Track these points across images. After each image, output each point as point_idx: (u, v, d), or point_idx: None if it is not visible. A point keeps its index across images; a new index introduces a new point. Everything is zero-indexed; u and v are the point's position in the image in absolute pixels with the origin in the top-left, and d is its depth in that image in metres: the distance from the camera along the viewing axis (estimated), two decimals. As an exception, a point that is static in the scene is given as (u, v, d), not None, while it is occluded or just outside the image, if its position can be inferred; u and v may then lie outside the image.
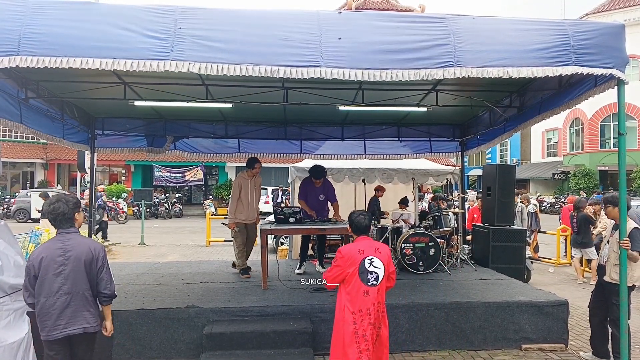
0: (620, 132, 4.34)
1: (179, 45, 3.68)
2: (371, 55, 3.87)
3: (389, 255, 3.46)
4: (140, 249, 12.77)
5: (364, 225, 3.50)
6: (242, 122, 8.37)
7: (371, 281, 3.30)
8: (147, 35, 3.68)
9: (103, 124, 8.06)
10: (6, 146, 26.67)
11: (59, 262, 3.03)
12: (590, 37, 4.08)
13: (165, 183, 26.78)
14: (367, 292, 3.28)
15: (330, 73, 3.80)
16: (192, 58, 3.68)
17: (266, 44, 3.79)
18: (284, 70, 3.76)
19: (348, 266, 3.31)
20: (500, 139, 7.70)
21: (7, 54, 3.56)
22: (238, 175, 6.86)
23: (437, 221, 7.67)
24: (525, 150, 39.45)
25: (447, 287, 5.96)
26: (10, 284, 3.42)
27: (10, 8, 3.63)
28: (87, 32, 3.63)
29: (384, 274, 3.35)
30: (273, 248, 10.59)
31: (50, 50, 3.58)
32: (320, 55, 3.81)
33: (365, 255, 3.33)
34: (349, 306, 3.28)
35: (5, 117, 5.37)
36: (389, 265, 3.42)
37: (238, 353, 4.51)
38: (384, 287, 3.41)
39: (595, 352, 4.76)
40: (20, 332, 3.42)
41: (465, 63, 3.93)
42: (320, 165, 7.02)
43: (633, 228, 4.43)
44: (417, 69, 3.90)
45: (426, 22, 4.05)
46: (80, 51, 3.59)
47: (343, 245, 3.45)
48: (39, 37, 3.59)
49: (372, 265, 3.32)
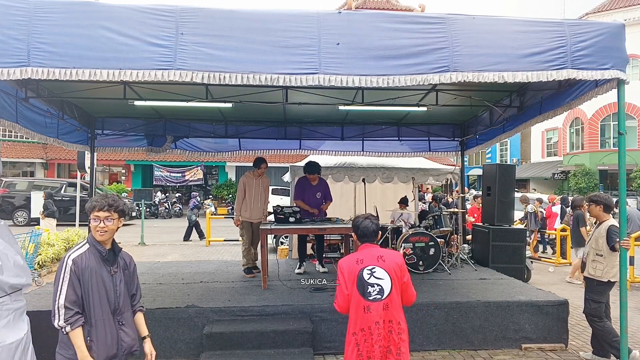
0: (620, 132, 4.34)
1: (181, 54, 3.77)
2: (369, 62, 3.95)
3: (397, 263, 2.88)
4: (140, 249, 12.77)
5: (372, 231, 2.97)
6: (242, 122, 8.37)
7: (373, 295, 2.77)
8: (150, 42, 3.75)
9: (103, 123, 8.06)
10: (6, 146, 26.67)
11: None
12: (589, 39, 4.10)
13: (165, 183, 26.79)
14: (368, 308, 2.76)
15: (328, 80, 3.88)
16: (195, 67, 3.78)
17: (266, 52, 3.86)
18: (283, 78, 3.85)
19: (349, 280, 2.84)
20: (501, 138, 7.70)
21: (18, 65, 3.64)
22: (244, 174, 6.90)
23: (437, 221, 7.68)
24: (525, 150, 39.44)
25: (447, 286, 5.96)
26: (10, 284, 3.41)
27: (14, 12, 3.64)
28: (92, 41, 3.70)
29: (391, 286, 2.80)
30: (273, 248, 10.59)
31: (60, 61, 3.68)
32: (319, 62, 3.89)
33: (363, 265, 2.84)
34: (351, 326, 2.83)
35: (3, 116, 5.36)
36: (400, 276, 2.86)
37: (238, 353, 4.51)
38: (396, 302, 2.82)
39: (595, 352, 4.77)
40: (19, 332, 3.41)
41: (461, 68, 4.00)
42: (315, 161, 7.02)
43: (610, 225, 4.50)
44: (414, 75, 3.98)
45: (425, 24, 4.07)
46: (88, 62, 3.69)
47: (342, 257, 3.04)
48: (47, 47, 3.66)
49: (373, 276, 2.81)
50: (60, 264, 2.59)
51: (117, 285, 2.70)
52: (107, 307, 2.65)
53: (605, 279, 4.58)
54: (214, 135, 8.56)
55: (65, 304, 2.51)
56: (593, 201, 4.79)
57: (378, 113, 7.64)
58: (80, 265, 2.58)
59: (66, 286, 2.53)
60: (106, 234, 2.66)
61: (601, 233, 4.66)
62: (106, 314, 2.64)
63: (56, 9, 3.71)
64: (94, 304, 2.60)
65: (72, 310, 2.52)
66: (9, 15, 3.63)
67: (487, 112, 7.56)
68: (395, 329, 2.78)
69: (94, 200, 2.69)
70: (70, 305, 2.52)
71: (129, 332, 2.75)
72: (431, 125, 8.74)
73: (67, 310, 2.51)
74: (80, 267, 2.57)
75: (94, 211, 2.64)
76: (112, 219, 2.66)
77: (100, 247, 2.66)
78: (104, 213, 2.64)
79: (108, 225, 2.64)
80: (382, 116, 8.08)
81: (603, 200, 4.74)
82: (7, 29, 3.62)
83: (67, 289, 2.53)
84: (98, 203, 2.64)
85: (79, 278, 2.56)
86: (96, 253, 2.66)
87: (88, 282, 2.58)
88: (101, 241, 2.67)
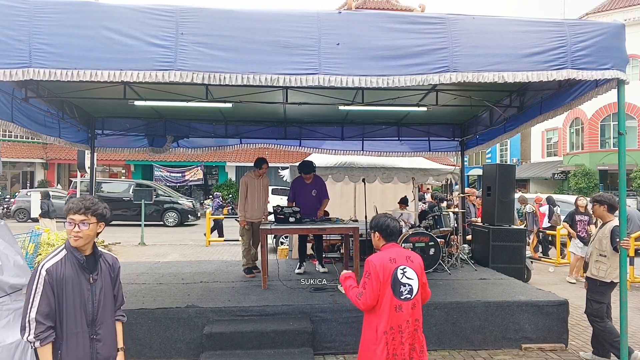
0: (620, 132, 4.34)
1: (182, 54, 3.76)
2: (369, 62, 3.95)
3: (421, 265, 3.01)
4: (140, 249, 12.77)
5: (398, 230, 3.04)
6: (242, 122, 8.38)
7: (404, 294, 2.86)
8: (150, 43, 3.75)
9: (103, 123, 8.06)
10: (6, 146, 26.67)
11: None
12: (589, 39, 4.10)
13: (165, 183, 26.79)
14: (400, 307, 2.85)
15: (328, 80, 3.88)
16: (196, 68, 3.78)
17: (266, 52, 3.86)
18: (283, 78, 3.86)
19: (384, 279, 2.85)
20: (501, 138, 7.70)
21: (20, 66, 3.64)
22: (245, 174, 6.90)
23: (437, 221, 7.68)
24: (525, 150, 39.43)
25: (447, 286, 5.96)
26: (10, 284, 3.42)
27: (15, 12, 3.64)
28: (93, 42, 3.70)
29: (418, 286, 2.92)
30: (273, 248, 10.59)
31: (61, 62, 3.67)
32: (319, 62, 3.88)
33: (397, 264, 2.89)
34: (380, 325, 2.84)
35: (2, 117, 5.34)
36: (422, 276, 2.99)
37: (238, 353, 4.51)
38: (420, 302, 2.96)
39: (595, 352, 4.77)
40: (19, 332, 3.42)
41: (461, 68, 4.00)
42: (309, 160, 7.02)
43: (615, 226, 4.49)
44: (414, 75, 3.98)
45: (425, 24, 4.07)
46: (89, 63, 3.69)
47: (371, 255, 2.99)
48: (48, 48, 3.66)
49: (405, 276, 2.89)
50: (33, 274, 2.38)
51: (95, 294, 2.50)
52: (83, 319, 2.45)
53: (609, 280, 4.57)
54: (214, 135, 8.57)
55: (36, 318, 2.31)
56: (597, 201, 4.76)
57: (378, 113, 7.64)
58: (55, 275, 2.36)
59: (39, 298, 2.33)
60: (80, 239, 2.42)
61: (605, 234, 4.64)
62: (80, 327, 2.44)
63: (57, 9, 3.71)
64: (68, 317, 2.40)
65: (44, 325, 2.32)
66: (10, 15, 3.62)
67: (487, 112, 7.56)
68: (420, 328, 2.94)
69: (70, 201, 2.49)
70: (42, 320, 2.32)
71: (107, 343, 2.55)
72: (431, 125, 8.74)
73: (38, 324, 2.31)
74: (55, 278, 2.36)
75: (69, 214, 2.42)
76: (89, 223, 2.42)
77: (77, 254, 2.45)
78: (79, 216, 2.41)
79: (83, 230, 2.41)
80: (382, 116, 8.08)
81: (607, 201, 4.71)
82: (8, 30, 3.61)
83: (40, 301, 2.33)
84: (74, 205, 2.43)
85: (53, 289, 2.36)
86: (73, 260, 2.44)
87: (62, 293, 2.38)
88: (77, 247, 2.44)
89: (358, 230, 6.08)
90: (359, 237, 6.06)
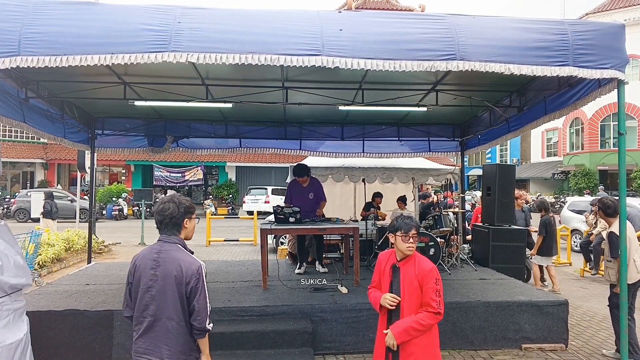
0: (620, 132, 4.34)
1: (177, 37, 3.67)
2: (374, 45, 3.84)
3: None
4: (140, 249, 12.75)
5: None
6: (242, 122, 8.38)
7: None
8: (145, 29, 3.68)
9: (103, 123, 8.07)
10: (6, 146, 26.67)
11: (149, 276, 2.52)
12: (590, 37, 4.10)
13: (165, 183, 26.79)
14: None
15: (332, 62, 3.75)
16: (190, 49, 3.67)
17: (266, 34, 3.77)
18: (284, 58, 3.71)
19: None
20: (505, 138, 7.68)
21: (8, 55, 3.58)
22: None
23: (437, 221, 7.68)
24: (525, 150, 39.46)
25: (447, 286, 5.95)
26: (10, 284, 3.42)
27: (10, 8, 3.64)
28: (86, 30, 3.64)
29: None
30: (273, 248, 10.59)
31: (51, 49, 3.59)
32: (322, 44, 3.77)
33: None
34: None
35: (9, 116, 5.40)
36: None
37: (238, 353, 4.51)
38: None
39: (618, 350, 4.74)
40: (19, 332, 3.42)
41: (468, 57, 3.92)
42: (303, 163, 7.00)
43: (609, 232, 4.46)
44: (421, 60, 3.87)
45: (428, 19, 4.06)
46: (79, 49, 3.59)
47: (430, 261, 2.94)
48: (39, 36, 3.60)
49: None
50: (199, 272, 2.60)
51: None
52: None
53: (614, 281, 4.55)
54: (214, 135, 8.57)
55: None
56: (593, 205, 4.77)
57: (378, 113, 7.64)
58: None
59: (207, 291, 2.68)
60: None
61: (605, 240, 4.65)
62: None
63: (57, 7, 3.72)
64: None
65: None
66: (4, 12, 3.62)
67: (487, 112, 7.56)
68: None
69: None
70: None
71: None
72: (431, 125, 8.74)
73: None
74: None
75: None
76: None
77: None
78: None
79: None
80: (382, 116, 8.08)
81: (601, 205, 4.72)
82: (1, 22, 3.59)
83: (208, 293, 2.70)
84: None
85: None
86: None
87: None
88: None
89: (358, 230, 6.07)
90: (359, 237, 6.06)
